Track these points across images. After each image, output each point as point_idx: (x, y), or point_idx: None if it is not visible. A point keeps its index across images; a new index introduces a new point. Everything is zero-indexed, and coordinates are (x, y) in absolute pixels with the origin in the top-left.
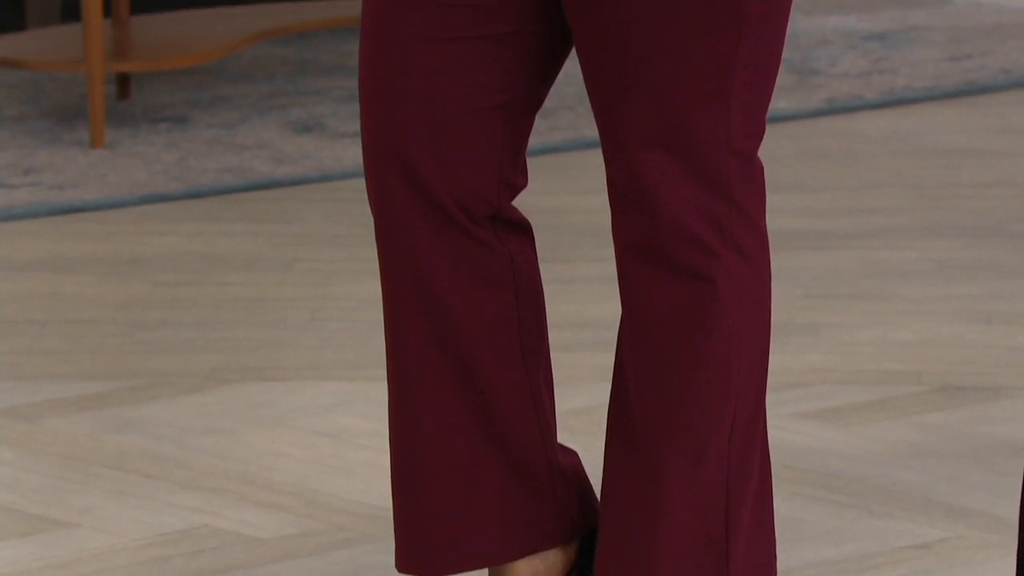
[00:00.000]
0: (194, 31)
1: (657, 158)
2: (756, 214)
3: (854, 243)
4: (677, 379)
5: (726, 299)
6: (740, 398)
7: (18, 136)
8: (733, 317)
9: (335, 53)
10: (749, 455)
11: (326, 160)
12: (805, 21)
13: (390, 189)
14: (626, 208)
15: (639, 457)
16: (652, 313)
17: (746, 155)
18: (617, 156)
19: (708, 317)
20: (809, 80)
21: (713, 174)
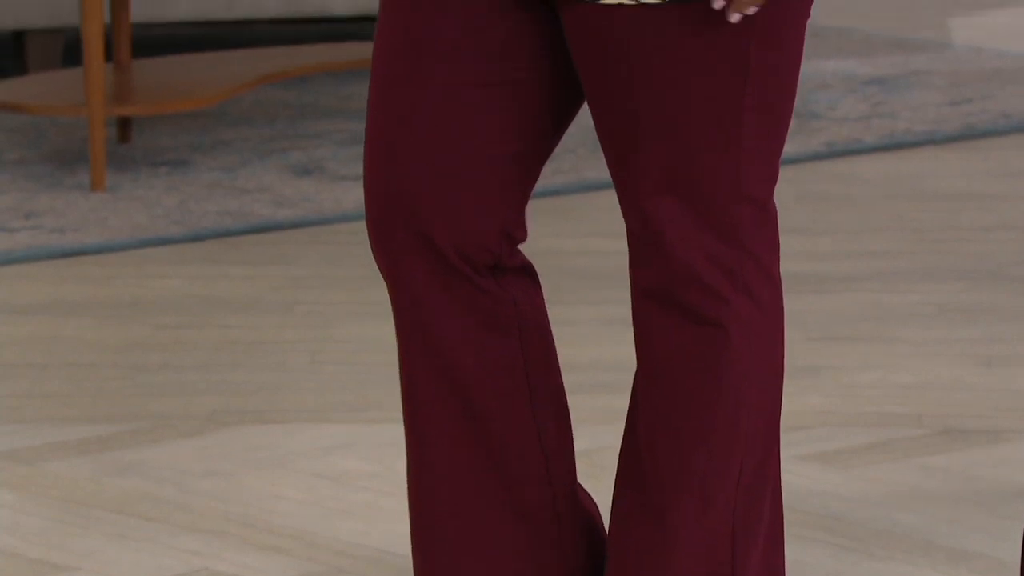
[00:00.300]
0: (195, 75)
1: (668, 205)
2: (769, 260)
3: (854, 286)
4: (687, 423)
5: (737, 344)
6: (749, 442)
7: (19, 180)
8: (744, 362)
9: (335, 96)
10: (758, 498)
11: (326, 203)
12: (805, 65)
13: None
14: (640, 254)
15: (647, 500)
16: (664, 358)
17: (759, 201)
18: (630, 204)
19: (719, 362)
20: (809, 124)
21: (724, 220)
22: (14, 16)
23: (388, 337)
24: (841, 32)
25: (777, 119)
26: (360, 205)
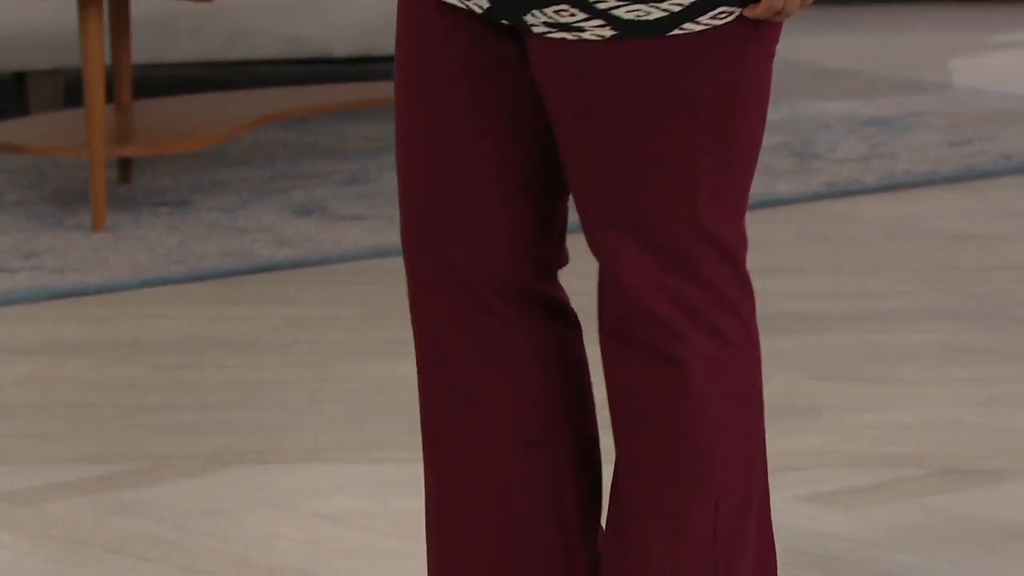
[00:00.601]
0: (195, 116)
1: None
2: (737, 297)
3: (854, 326)
4: (650, 459)
5: (699, 382)
6: (725, 481)
7: (20, 220)
8: (709, 400)
9: (335, 137)
10: (740, 538)
11: (326, 243)
12: (806, 106)
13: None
14: (602, 290)
15: (621, 529)
16: (626, 394)
17: (721, 240)
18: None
19: (680, 400)
20: (809, 164)
21: (680, 257)
22: (16, 58)
23: (388, 377)
24: (841, 73)
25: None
26: (359, 245)
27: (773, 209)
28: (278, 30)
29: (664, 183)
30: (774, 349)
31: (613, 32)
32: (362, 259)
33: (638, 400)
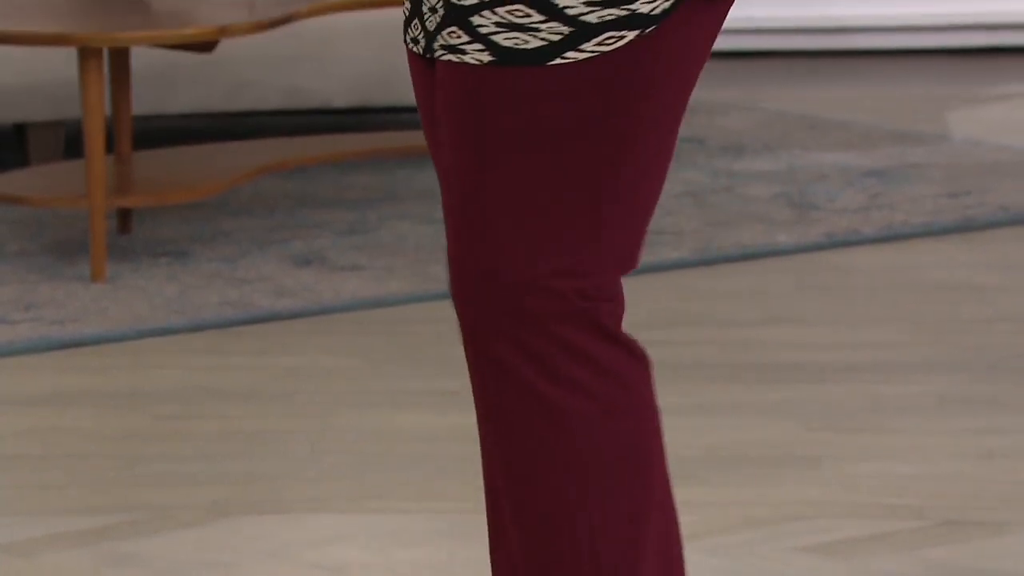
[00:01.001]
0: (195, 166)
1: (480, 280)
2: (596, 351)
3: (854, 376)
4: (517, 468)
5: (542, 431)
6: (596, 531)
7: (20, 271)
8: (561, 447)
9: (335, 186)
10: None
11: (326, 293)
12: (803, 156)
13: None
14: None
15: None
16: (486, 411)
17: (563, 293)
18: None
19: (523, 448)
20: (808, 215)
21: (521, 306)
22: (16, 110)
23: (388, 427)
24: (837, 124)
25: (575, 209)
26: (359, 295)
27: (772, 259)
28: (278, 81)
29: (500, 227)
30: (773, 399)
31: (491, 58)
32: (362, 309)
33: (496, 417)
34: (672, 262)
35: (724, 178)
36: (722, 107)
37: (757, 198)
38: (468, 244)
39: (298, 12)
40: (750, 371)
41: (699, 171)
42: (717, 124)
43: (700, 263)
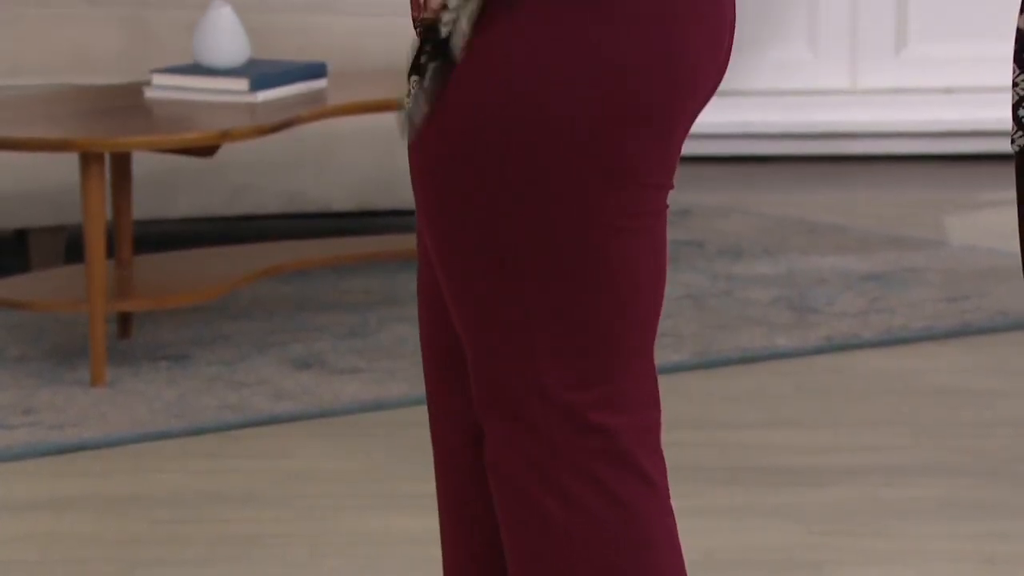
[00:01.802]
0: (195, 270)
1: (480, 393)
2: (605, 475)
3: (855, 480)
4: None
5: (538, 546)
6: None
7: (19, 377)
8: (561, 560)
9: (334, 290)
10: None
11: (325, 396)
12: (802, 261)
13: (432, 398)
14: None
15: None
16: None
17: (574, 408)
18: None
19: (532, 545)
20: (807, 318)
21: (530, 421)
22: (18, 216)
23: (388, 530)
24: (837, 229)
25: (582, 321)
26: (358, 398)
27: (772, 362)
28: (278, 186)
29: (502, 341)
30: (774, 503)
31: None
32: (361, 412)
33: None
34: (672, 365)
35: (723, 281)
36: (721, 211)
37: (756, 301)
38: (473, 356)
39: (299, 117)
40: (750, 474)
41: (698, 274)
42: (716, 228)
43: (700, 366)
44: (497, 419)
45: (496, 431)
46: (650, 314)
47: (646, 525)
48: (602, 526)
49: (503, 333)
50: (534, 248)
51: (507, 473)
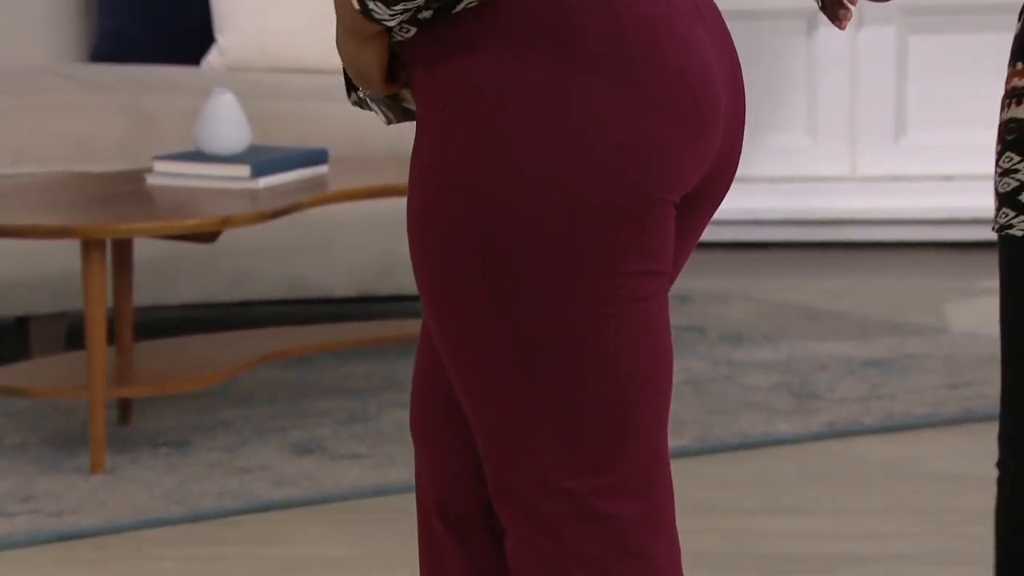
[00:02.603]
0: (196, 356)
1: (490, 482)
2: (607, 561)
3: (857, 568)
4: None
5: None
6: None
7: (18, 464)
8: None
9: (337, 375)
10: None
11: (326, 481)
12: (803, 347)
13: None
14: None
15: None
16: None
17: (577, 496)
18: None
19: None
20: (808, 404)
21: (534, 511)
22: (18, 303)
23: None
24: (837, 315)
25: (580, 411)
26: (359, 483)
27: (773, 448)
28: (280, 271)
29: (504, 430)
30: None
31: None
32: (362, 497)
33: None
34: (673, 450)
35: (724, 367)
36: (721, 297)
37: (757, 387)
38: (480, 444)
39: (300, 203)
40: (753, 561)
41: (699, 360)
42: (716, 314)
43: (701, 451)
44: (507, 509)
45: (508, 520)
46: (654, 399)
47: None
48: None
49: (504, 424)
50: (521, 343)
51: (520, 564)
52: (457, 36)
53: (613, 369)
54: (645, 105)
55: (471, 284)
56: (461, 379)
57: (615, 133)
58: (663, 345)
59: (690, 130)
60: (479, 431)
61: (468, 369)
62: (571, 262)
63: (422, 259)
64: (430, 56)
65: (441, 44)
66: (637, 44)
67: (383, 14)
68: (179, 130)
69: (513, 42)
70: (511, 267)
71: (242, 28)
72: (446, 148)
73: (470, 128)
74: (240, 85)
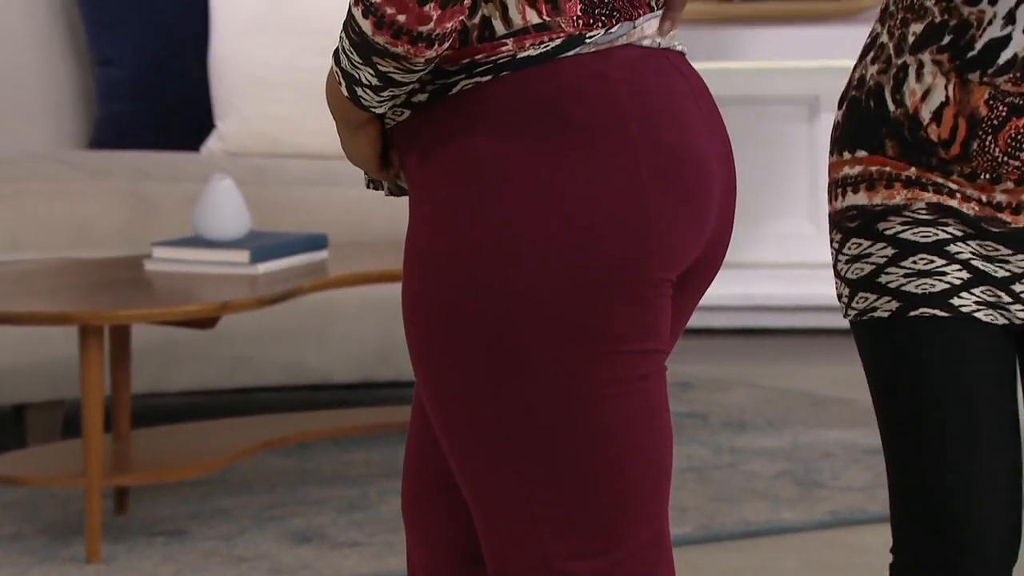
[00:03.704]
0: (194, 444)
1: (491, 566)
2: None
3: None
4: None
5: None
6: None
7: (13, 555)
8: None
9: (336, 463)
10: None
11: (325, 570)
12: (807, 434)
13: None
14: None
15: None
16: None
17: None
18: None
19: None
20: (813, 492)
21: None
22: (15, 391)
23: None
24: (841, 402)
25: (577, 491)
26: (357, 571)
27: (777, 537)
28: (279, 357)
29: (503, 514)
30: None
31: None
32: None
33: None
34: (675, 539)
35: (727, 454)
36: (724, 383)
37: (761, 475)
38: (479, 525)
39: (300, 288)
40: None
41: (702, 447)
42: (719, 400)
43: (703, 540)
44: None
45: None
46: (653, 479)
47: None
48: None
49: (503, 506)
50: (521, 424)
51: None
52: (452, 117)
53: (615, 449)
54: (643, 182)
55: (470, 365)
56: (459, 460)
57: (614, 212)
58: (663, 423)
59: (687, 207)
60: (477, 513)
61: (466, 450)
62: (572, 342)
63: (420, 340)
64: (425, 138)
65: (436, 125)
66: (633, 119)
67: (371, 101)
68: (178, 216)
69: (509, 121)
70: (511, 348)
71: (242, 114)
72: (443, 229)
73: (467, 209)
74: (240, 171)
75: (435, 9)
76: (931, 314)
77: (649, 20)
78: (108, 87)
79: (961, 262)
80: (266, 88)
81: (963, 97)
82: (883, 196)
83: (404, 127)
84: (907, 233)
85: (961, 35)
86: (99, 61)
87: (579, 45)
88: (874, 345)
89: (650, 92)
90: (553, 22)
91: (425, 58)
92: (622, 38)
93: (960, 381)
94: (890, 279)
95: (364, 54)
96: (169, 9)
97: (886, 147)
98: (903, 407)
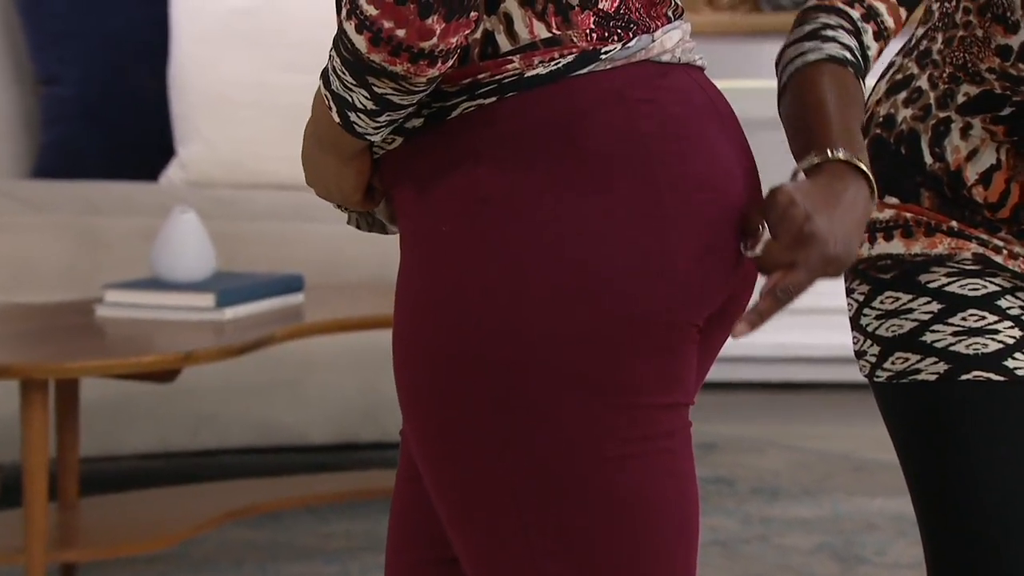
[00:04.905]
0: (151, 513)
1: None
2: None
3: None
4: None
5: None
6: None
7: None
8: None
9: (313, 535)
10: None
11: None
12: (848, 503)
13: None
14: None
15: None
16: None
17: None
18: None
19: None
20: (855, 570)
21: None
22: None
23: None
24: (888, 467)
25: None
26: None
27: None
28: (248, 416)
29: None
30: None
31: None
32: None
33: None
34: None
35: (757, 526)
36: (754, 445)
37: (796, 549)
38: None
39: (272, 336)
40: None
41: (728, 517)
42: (748, 464)
43: None
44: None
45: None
46: (682, 551)
47: None
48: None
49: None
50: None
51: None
52: (453, 144)
53: (638, 516)
54: (667, 217)
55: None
56: (461, 528)
57: (636, 251)
58: (690, 488)
59: (715, 243)
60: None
61: (470, 516)
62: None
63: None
64: (421, 168)
65: (434, 154)
66: (655, 147)
67: (366, 127)
68: (134, 255)
69: (517, 148)
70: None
71: (206, 137)
72: (444, 270)
73: (475, 246)
74: (203, 203)
75: (438, 22)
76: (985, 378)
77: (668, 32)
78: (53, 109)
79: (1012, 318)
80: (233, 108)
81: (1019, 164)
82: (923, 245)
83: (395, 156)
84: (954, 286)
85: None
86: (42, 79)
87: (594, 62)
88: (916, 412)
89: (673, 116)
90: (564, 36)
91: (427, 77)
92: (640, 53)
93: (1019, 456)
94: (936, 337)
95: (358, 74)
96: (122, 19)
97: (921, 197)
98: (950, 485)
